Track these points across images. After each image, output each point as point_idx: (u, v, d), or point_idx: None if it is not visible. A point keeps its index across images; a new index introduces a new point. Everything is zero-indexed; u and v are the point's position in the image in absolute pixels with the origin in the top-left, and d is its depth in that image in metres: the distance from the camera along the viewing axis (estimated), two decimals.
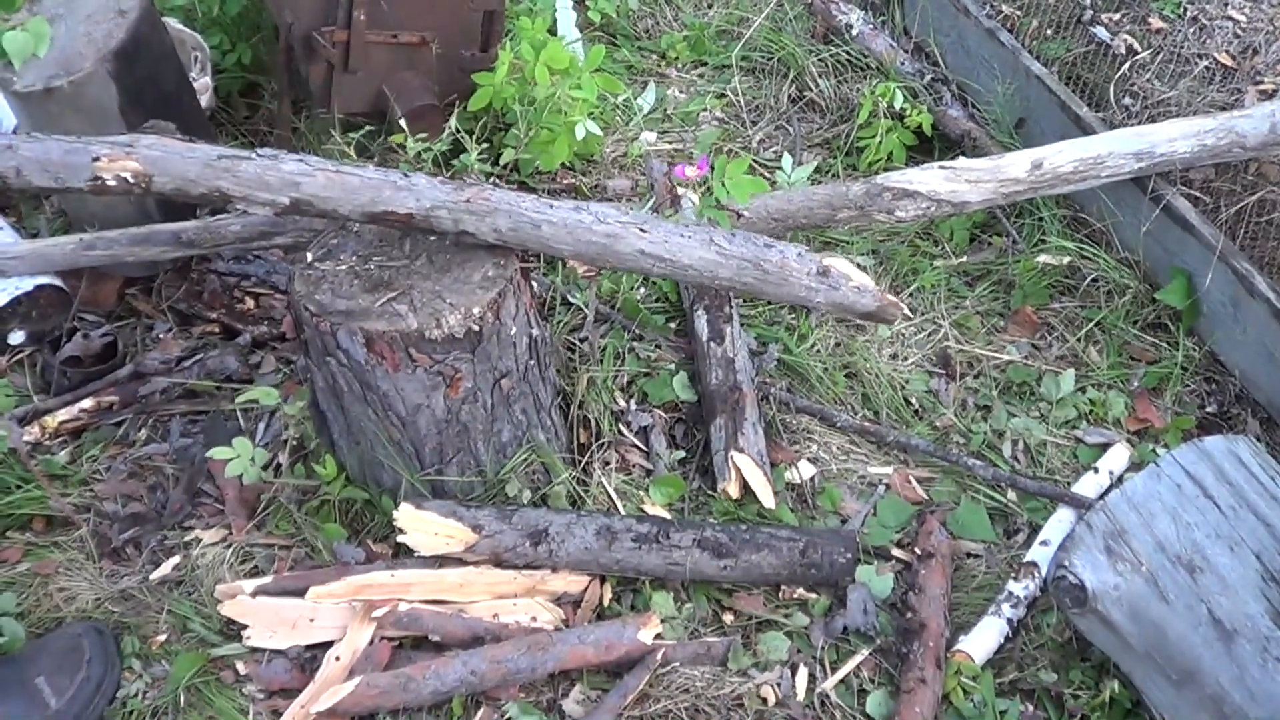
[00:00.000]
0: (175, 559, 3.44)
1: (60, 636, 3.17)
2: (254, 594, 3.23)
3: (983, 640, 3.26)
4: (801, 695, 3.20)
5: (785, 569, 3.31)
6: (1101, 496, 3.55)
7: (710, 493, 3.60)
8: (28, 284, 3.92)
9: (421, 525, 3.19)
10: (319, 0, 4.40)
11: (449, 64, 4.64)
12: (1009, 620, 3.32)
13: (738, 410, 3.65)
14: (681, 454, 3.73)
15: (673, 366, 3.93)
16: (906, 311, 3.32)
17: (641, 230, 3.09)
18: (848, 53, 5.34)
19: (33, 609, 3.30)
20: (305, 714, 3.00)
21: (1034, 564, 3.42)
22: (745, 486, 3.54)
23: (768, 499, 3.52)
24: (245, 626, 3.19)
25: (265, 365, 3.94)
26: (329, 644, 3.14)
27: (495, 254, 3.14)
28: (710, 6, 5.91)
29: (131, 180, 2.93)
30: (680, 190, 4.13)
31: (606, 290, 4.05)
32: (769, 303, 4.22)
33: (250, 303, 4.10)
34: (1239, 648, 2.81)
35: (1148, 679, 3.01)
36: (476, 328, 3.03)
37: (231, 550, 3.43)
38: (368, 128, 4.47)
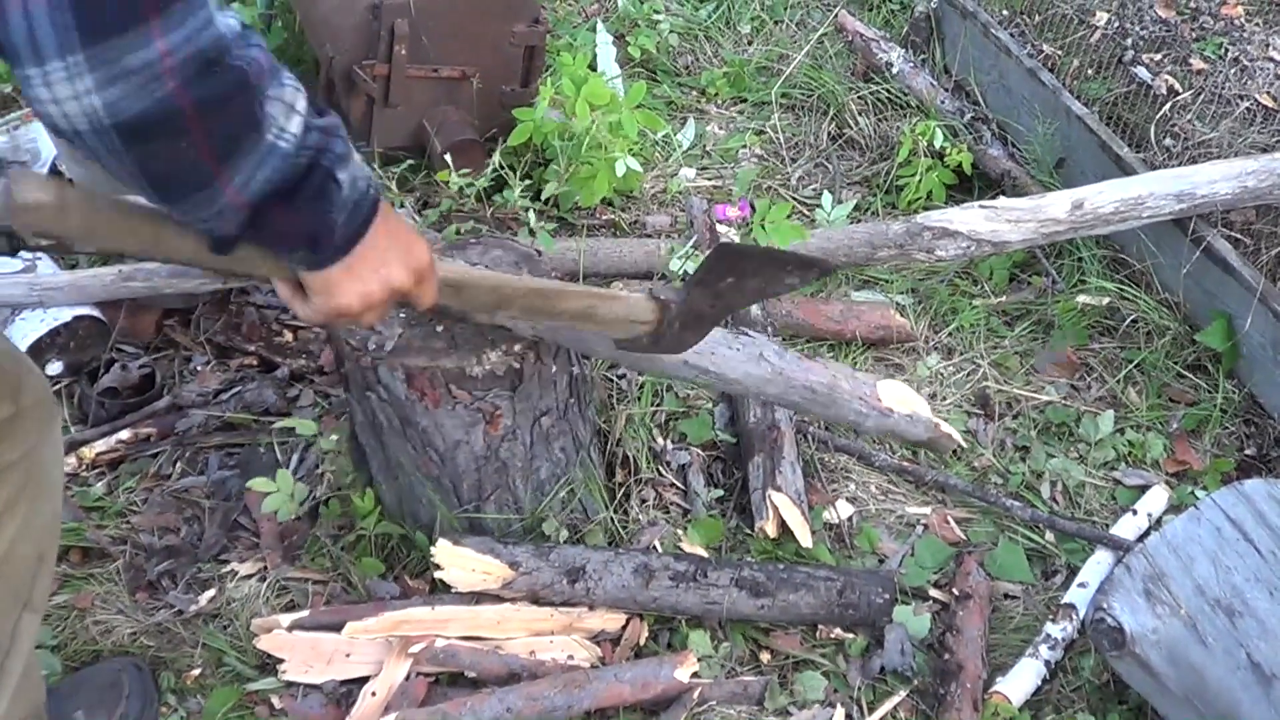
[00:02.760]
0: (210, 592, 3.43)
1: (99, 671, 3.16)
2: (290, 628, 3.22)
3: (1020, 682, 3.24)
4: None
5: (823, 609, 3.30)
6: (1140, 539, 3.56)
7: (748, 532, 3.59)
8: (66, 315, 3.93)
9: (459, 561, 3.18)
10: (360, 34, 4.42)
11: (489, 99, 4.66)
12: (1046, 662, 3.30)
13: (776, 449, 3.64)
14: (720, 493, 3.71)
15: (710, 404, 3.92)
16: (961, 442, 3.32)
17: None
18: (888, 90, 5.35)
19: (68, 642, 3.30)
20: None
21: (1072, 606, 3.40)
22: (783, 526, 3.53)
23: (805, 539, 3.51)
24: (281, 661, 3.18)
25: (303, 399, 3.94)
26: (365, 679, 3.13)
27: None
28: (750, 43, 5.92)
29: None
30: (721, 230, 4.13)
31: None
32: (808, 340, 4.22)
33: (288, 335, 4.11)
34: (1278, 692, 2.80)
35: None
36: (517, 365, 3.02)
37: (267, 584, 3.43)
38: (409, 162, 4.48)
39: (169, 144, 1.60)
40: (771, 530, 3.51)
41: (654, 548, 3.44)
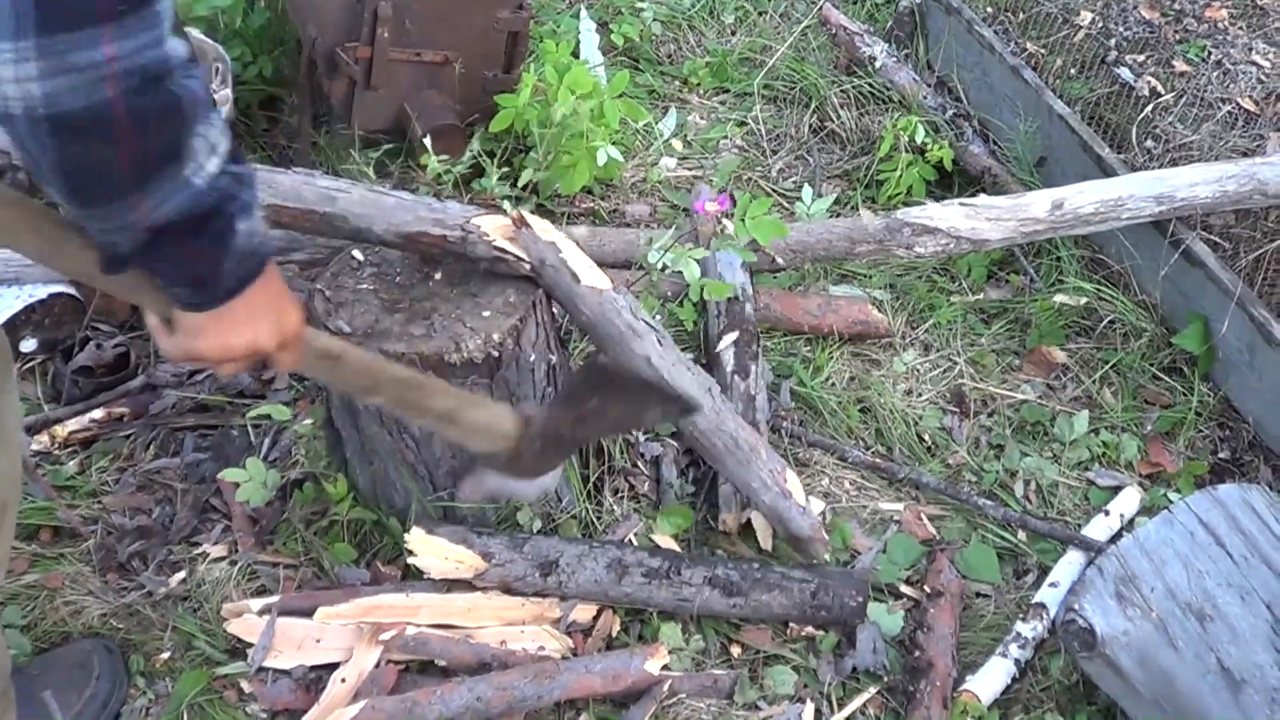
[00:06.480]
0: (181, 574, 3.42)
1: (70, 652, 3.16)
2: (261, 613, 3.22)
3: (990, 681, 3.25)
4: None
5: (795, 609, 3.30)
6: (1112, 540, 3.56)
7: (713, 525, 3.60)
8: (41, 291, 3.91)
9: (432, 550, 3.19)
10: (343, 16, 4.41)
11: (471, 84, 4.64)
12: (1016, 661, 3.31)
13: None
14: (691, 488, 3.72)
15: None
16: (826, 556, 3.36)
17: (659, 342, 3.13)
18: (870, 85, 5.34)
19: (38, 621, 3.29)
20: None
21: (1043, 605, 3.41)
22: (746, 524, 3.54)
23: (766, 542, 3.53)
24: (251, 645, 3.18)
25: (278, 381, 3.92)
26: (335, 665, 3.13)
27: (519, 279, 3.13)
28: (733, 33, 5.91)
29: None
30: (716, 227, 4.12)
31: None
32: (785, 333, 4.23)
33: None
34: (1246, 697, 2.82)
35: None
36: (496, 353, 3.02)
37: (238, 568, 3.41)
38: (387, 146, 4.47)
39: (95, 148, 1.62)
40: (731, 524, 3.52)
41: (629, 541, 3.44)
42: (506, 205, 3.85)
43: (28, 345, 3.95)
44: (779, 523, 3.25)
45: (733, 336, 3.91)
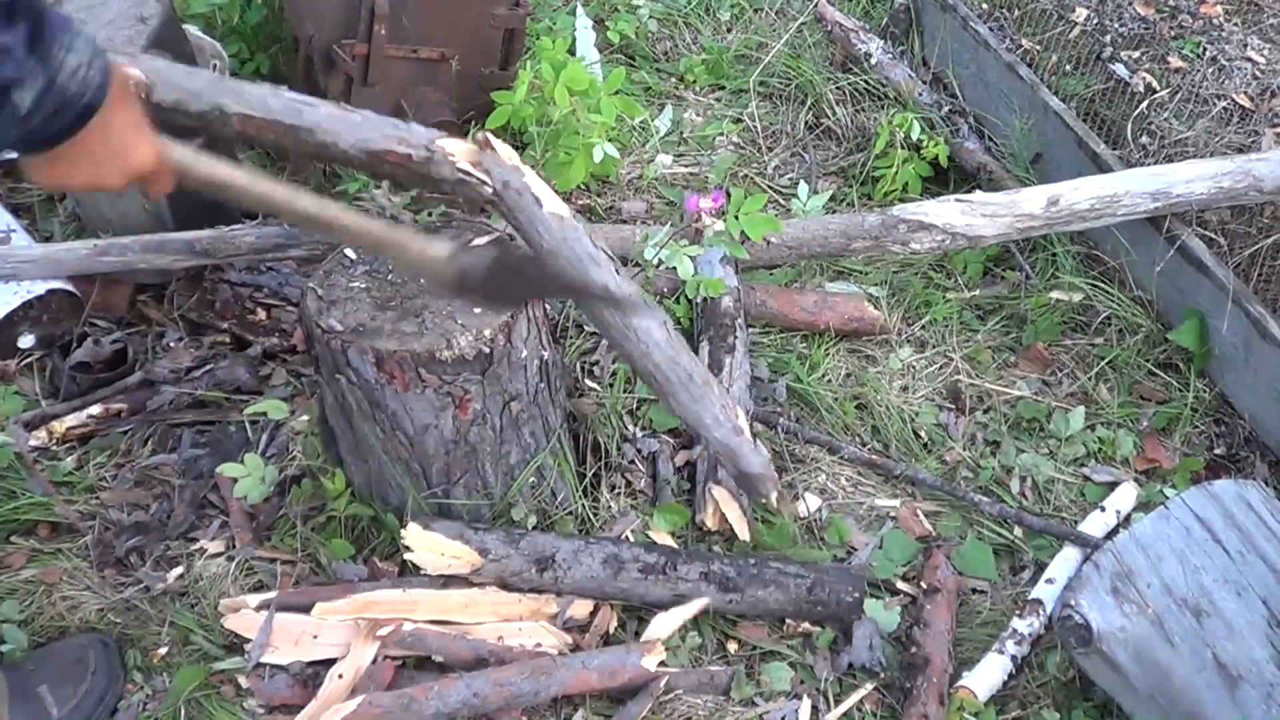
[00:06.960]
0: (179, 570, 3.42)
1: (67, 646, 3.16)
2: (258, 608, 3.22)
3: (986, 677, 3.25)
4: None
5: (792, 605, 3.31)
6: (1108, 536, 3.56)
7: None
8: (39, 288, 3.91)
9: (429, 545, 3.18)
10: (340, 13, 4.40)
11: (468, 81, 4.64)
12: (1013, 657, 3.31)
13: None
14: (688, 484, 3.72)
15: None
16: (773, 500, 3.36)
17: (617, 271, 3.15)
18: (866, 81, 5.34)
19: (35, 617, 3.29)
20: None
21: (1039, 602, 3.41)
22: (725, 518, 3.53)
23: (743, 533, 3.52)
24: (248, 640, 3.18)
25: (275, 378, 3.93)
26: (332, 661, 3.13)
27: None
28: (729, 30, 5.91)
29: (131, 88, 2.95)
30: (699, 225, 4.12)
31: None
32: (781, 330, 4.24)
33: (262, 314, 4.08)
34: (1243, 693, 2.81)
35: None
36: (487, 350, 3.02)
37: (235, 564, 3.42)
38: None
39: None
40: (711, 523, 3.52)
41: (625, 537, 3.44)
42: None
43: (26, 341, 3.95)
44: (730, 459, 3.22)
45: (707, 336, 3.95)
